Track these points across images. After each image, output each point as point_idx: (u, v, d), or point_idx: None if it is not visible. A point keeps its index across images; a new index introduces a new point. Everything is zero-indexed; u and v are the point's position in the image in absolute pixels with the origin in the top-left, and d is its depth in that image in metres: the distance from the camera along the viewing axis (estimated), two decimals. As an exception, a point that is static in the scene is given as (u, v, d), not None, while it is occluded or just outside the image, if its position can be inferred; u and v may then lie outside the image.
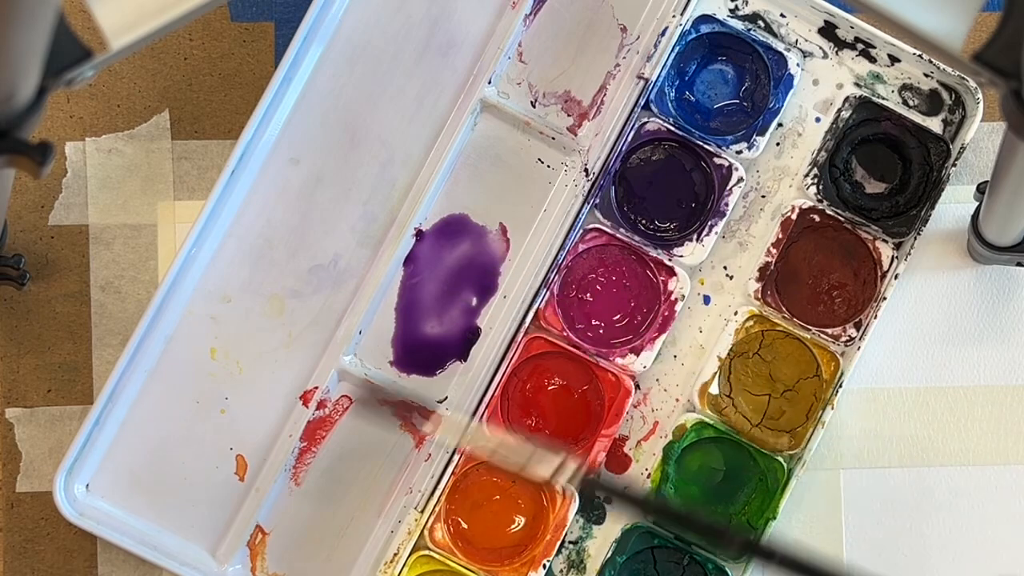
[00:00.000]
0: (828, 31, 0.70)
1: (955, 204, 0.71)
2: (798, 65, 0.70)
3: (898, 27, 0.47)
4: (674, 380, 0.70)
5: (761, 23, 0.70)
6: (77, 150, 0.71)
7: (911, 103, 0.70)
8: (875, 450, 0.70)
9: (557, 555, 0.68)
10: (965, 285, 0.71)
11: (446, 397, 0.69)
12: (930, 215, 0.69)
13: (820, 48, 0.70)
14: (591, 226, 0.69)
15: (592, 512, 0.69)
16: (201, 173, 0.71)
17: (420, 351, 0.70)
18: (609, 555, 0.68)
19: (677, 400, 0.70)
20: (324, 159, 0.70)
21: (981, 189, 0.66)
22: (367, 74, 0.70)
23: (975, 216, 0.68)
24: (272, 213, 0.70)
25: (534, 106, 0.70)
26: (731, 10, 0.70)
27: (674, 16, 0.69)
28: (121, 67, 0.71)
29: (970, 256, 0.71)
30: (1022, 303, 0.71)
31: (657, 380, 0.70)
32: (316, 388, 0.69)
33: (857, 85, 0.70)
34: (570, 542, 0.69)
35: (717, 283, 0.70)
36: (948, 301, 0.71)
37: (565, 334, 0.69)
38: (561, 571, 0.69)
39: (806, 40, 0.70)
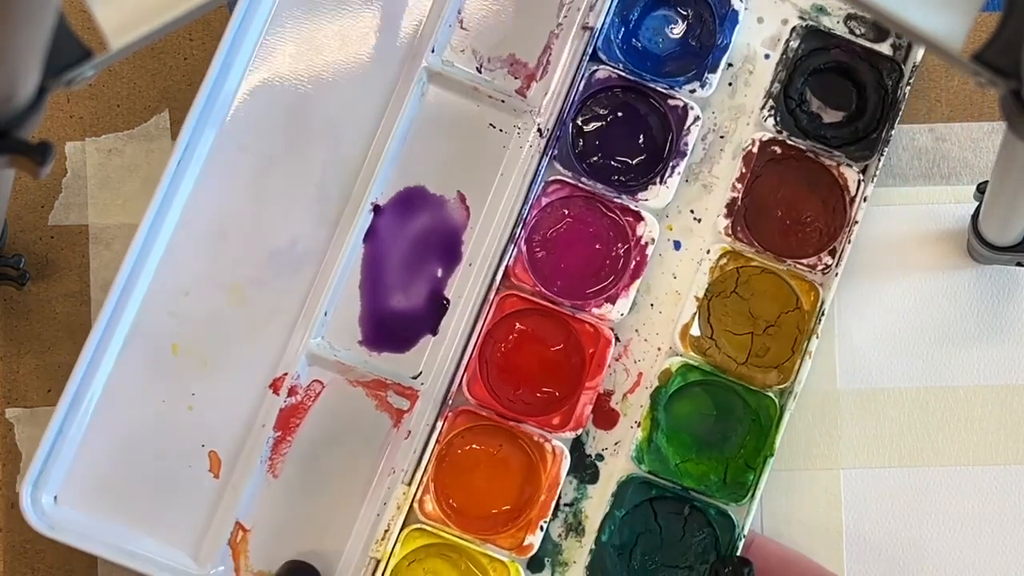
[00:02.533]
0: None
1: (955, 204, 0.71)
2: (740, 1, 0.70)
3: (898, 27, 0.47)
4: (654, 329, 0.69)
5: None
6: (77, 150, 0.71)
7: (858, 32, 0.70)
8: (875, 450, 0.70)
9: (554, 519, 0.67)
10: (965, 285, 0.71)
11: (420, 372, 0.68)
12: (891, 135, 0.68)
13: None
14: (552, 178, 0.68)
15: (585, 472, 0.67)
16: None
17: (389, 328, 0.68)
18: (608, 510, 0.66)
19: (659, 349, 0.68)
20: (272, 143, 0.68)
21: (981, 189, 0.66)
22: (308, 53, 0.69)
23: (975, 216, 0.68)
24: (224, 202, 0.68)
25: (480, 71, 0.70)
26: None
27: None
28: (121, 67, 0.71)
29: (970, 256, 0.71)
30: (1022, 303, 0.71)
31: (636, 331, 0.68)
32: (286, 374, 0.67)
33: (802, 19, 0.70)
34: (566, 504, 0.67)
35: (686, 227, 0.69)
36: (948, 301, 0.71)
37: (537, 289, 0.68)
38: (560, 535, 0.67)
39: None
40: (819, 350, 0.68)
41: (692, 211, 0.70)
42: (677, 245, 0.69)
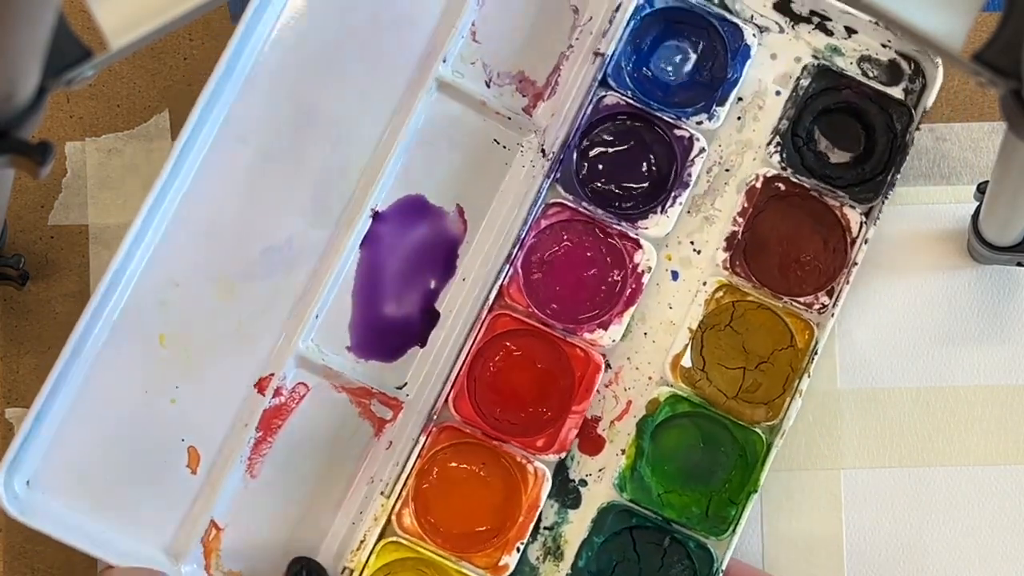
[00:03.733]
0: (783, 5, 0.70)
1: (955, 204, 0.71)
2: (754, 35, 0.69)
3: (898, 26, 0.47)
4: (646, 358, 0.68)
5: (714, 0, 0.70)
6: (77, 150, 0.71)
7: (871, 74, 0.70)
8: (875, 450, 0.70)
9: (532, 541, 0.66)
10: (965, 285, 0.71)
11: (405, 383, 0.67)
12: (896, 179, 0.68)
13: (776, 23, 0.70)
14: (553, 201, 0.68)
15: (567, 496, 0.67)
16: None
17: (379, 336, 0.68)
18: (586, 535, 0.66)
19: (650, 378, 0.68)
20: (273, 138, 0.68)
21: (981, 189, 0.66)
22: (317, 51, 0.69)
23: (975, 216, 0.68)
24: (221, 195, 0.67)
25: (489, 86, 0.69)
26: None
27: None
28: (121, 67, 0.71)
29: (970, 256, 0.71)
30: (1022, 303, 0.71)
31: (628, 359, 0.68)
32: (272, 375, 0.66)
33: (815, 58, 0.70)
34: (545, 528, 0.67)
35: (685, 258, 0.69)
36: (948, 301, 0.71)
37: (531, 310, 0.67)
38: (538, 558, 0.66)
39: (761, 15, 0.70)
40: (819, 350, 0.68)
41: (692, 242, 0.69)
42: (675, 275, 0.69)
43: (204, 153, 0.67)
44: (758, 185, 0.69)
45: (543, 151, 0.68)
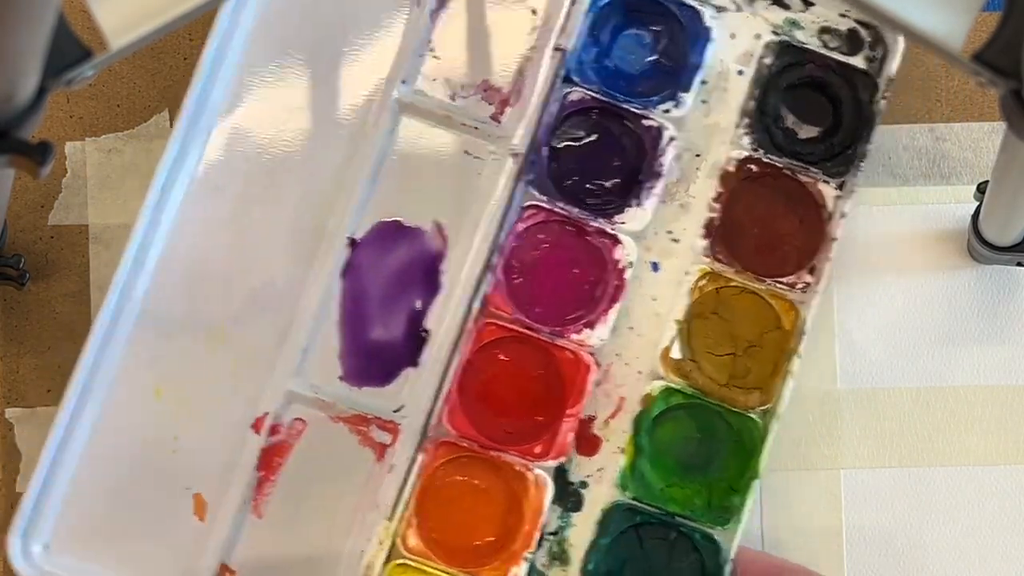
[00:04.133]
0: None
1: (955, 204, 0.71)
2: (713, 18, 0.69)
3: (898, 26, 0.47)
4: (634, 353, 0.68)
5: None
6: (77, 150, 0.71)
7: (831, 45, 0.69)
8: (875, 450, 0.70)
9: (538, 548, 0.66)
10: (965, 285, 0.71)
11: (402, 406, 0.67)
12: (867, 150, 0.67)
13: (732, 1, 0.69)
14: (528, 203, 0.68)
15: (568, 499, 0.67)
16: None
17: (369, 362, 0.68)
18: (592, 539, 0.66)
19: (640, 372, 0.67)
20: (247, 182, 0.68)
21: (981, 189, 0.66)
22: (279, 91, 0.69)
23: (975, 216, 0.68)
24: (202, 244, 0.68)
25: (453, 99, 0.69)
26: None
27: None
28: (121, 67, 0.71)
29: (970, 256, 0.71)
30: (1022, 303, 0.71)
31: (617, 355, 0.68)
32: (266, 414, 0.66)
33: (775, 34, 0.69)
34: (549, 534, 0.66)
35: (664, 249, 0.68)
36: (948, 301, 0.71)
37: (516, 316, 0.67)
38: (544, 565, 0.66)
39: None
40: (819, 350, 0.68)
41: (670, 232, 0.69)
42: (655, 267, 0.69)
43: (179, 205, 0.67)
44: (731, 168, 0.68)
45: (514, 156, 0.68)
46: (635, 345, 0.68)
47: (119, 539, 0.66)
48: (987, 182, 0.64)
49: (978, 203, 0.67)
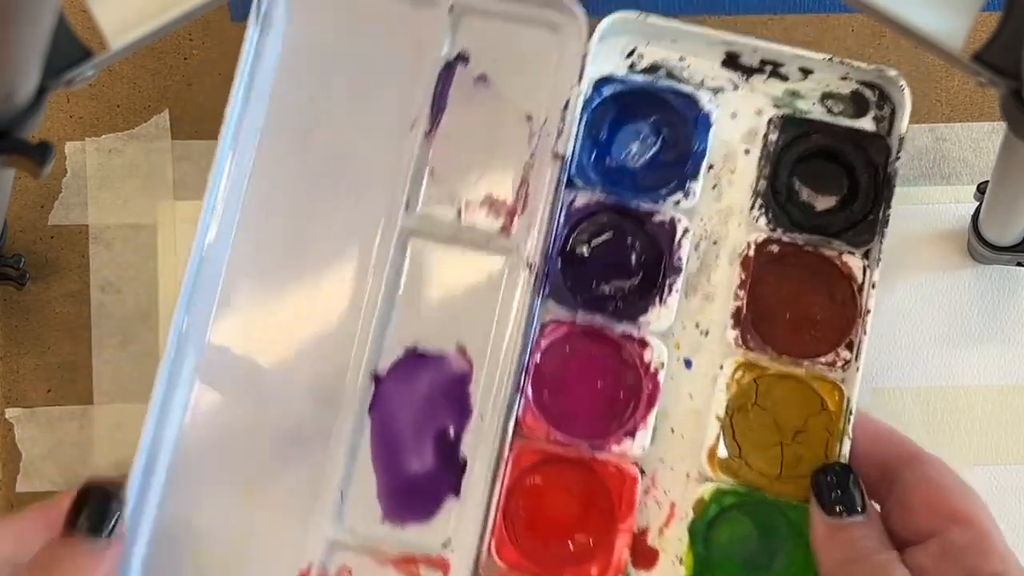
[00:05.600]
0: (731, 62, 0.68)
1: (955, 204, 0.71)
2: (709, 100, 0.67)
3: (898, 27, 0.47)
4: (679, 455, 0.66)
5: (663, 71, 0.68)
6: (77, 150, 0.71)
7: (835, 110, 0.67)
8: (875, 450, 0.70)
9: None
10: (965, 285, 0.71)
11: (449, 539, 0.65)
12: (889, 215, 0.65)
13: (729, 80, 0.68)
14: (548, 319, 0.66)
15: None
16: (201, 173, 0.71)
17: (409, 498, 0.66)
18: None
19: (688, 475, 0.65)
20: (263, 333, 0.66)
21: (981, 189, 0.66)
22: (285, 229, 0.67)
23: (975, 216, 0.67)
24: (225, 401, 0.66)
25: (460, 218, 0.67)
26: (629, 67, 0.68)
27: (572, 87, 0.67)
28: (121, 67, 0.71)
29: (970, 256, 0.71)
30: (1022, 303, 0.71)
31: (661, 460, 0.66)
32: (310, 565, 0.64)
33: (776, 107, 0.68)
34: None
35: (694, 343, 0.66)
36: (948, 301, 0.71)
37: (552, 437, 0.65)
38: None
39: (712, 77, 0.68)
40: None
41: (697, 324, 0.67)
42: (688, 363, 0.67)
43: (193, 368, 0.66)
44: (751, 253, 0.66)
45: (529, 266, 0.67)
46: (679, 447, 0.66)
47: None
48: (987, 182, 0.64)
49: (978, 203, 0.67)
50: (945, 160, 0.71)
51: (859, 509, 0.61)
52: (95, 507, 0.60)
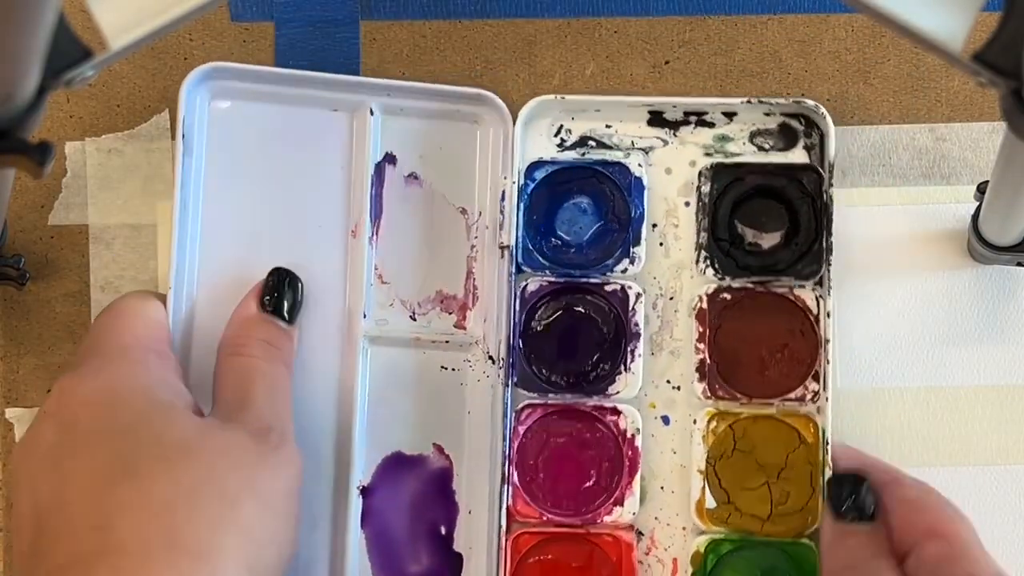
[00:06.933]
0: (656, 119, 0.69)
1: (955, 204, 0.71)
2: (640, 165, 0.69)
3: (898, 27, 0.47)
4: (672, 511, 0.67)
5: (592, 143, 0.69)
6: (77, 150, 0.71)
7: (767, 146, 0.69)
8: (875, 450, 0.70)
9: None
10: (965, 285, 0.71)
11: None
12: (832, 242, 0.67)
13: (658, 138, 0.69)
14: (521, 405, 0.67)
15: None
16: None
17: None
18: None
19: (684, 528, 0.67)
20: None
21: (981, 189, 0.66)
22: None
23: (975, 216, 0.68)
24: None
25: (414, 319, 0.69)
26: (559, 145, 0.69)
27: (505, 178, 0.68)
28: (121, 67, 0.71)
29: (970, 256, 0.71)
30: (1022, 303, 0.71)
31: (656, 518, 0.67)
32: None
33: (708, 155, 0.69)
34: None
35: (668, 400, 0.68)
36: (948, 301, 0.71)
37: (545, 519, 0.67)
38: None
39: (641, 137, 0.69)
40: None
41: (668, 381, 0.68)
42: (666, 420, 0.68)
43: None
44: (704, 305, 0.68)
45: (491, 358, 0.68)
46: (671, 503, 0.68)
47: None
48: (987, 182, 0.64)
49: (978, 203, 0.67)
50: (945, 160, 0.71)
51: (868, 517, 0.62)
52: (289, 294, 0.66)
